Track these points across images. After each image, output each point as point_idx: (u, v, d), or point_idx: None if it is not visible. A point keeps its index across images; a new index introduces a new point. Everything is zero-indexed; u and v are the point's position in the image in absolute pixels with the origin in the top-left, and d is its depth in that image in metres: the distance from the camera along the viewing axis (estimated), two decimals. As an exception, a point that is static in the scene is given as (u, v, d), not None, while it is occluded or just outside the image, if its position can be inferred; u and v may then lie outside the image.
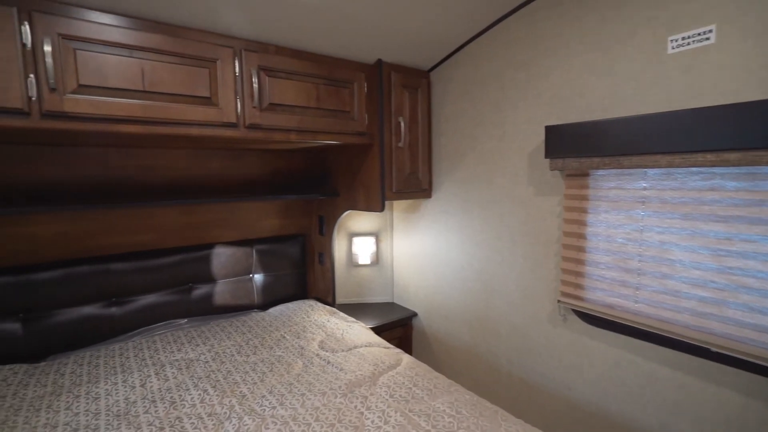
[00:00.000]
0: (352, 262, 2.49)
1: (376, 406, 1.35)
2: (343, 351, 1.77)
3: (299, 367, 1.64)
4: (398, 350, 1.81)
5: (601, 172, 1.52)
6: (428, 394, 1.43)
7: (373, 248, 2.47)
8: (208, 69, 1.47)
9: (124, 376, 1.54)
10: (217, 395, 1.43)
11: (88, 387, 1.46)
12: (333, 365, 1.64)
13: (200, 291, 2.13)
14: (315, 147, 2.19)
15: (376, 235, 2.49)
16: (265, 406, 1.36)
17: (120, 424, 1.27)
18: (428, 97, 2.13)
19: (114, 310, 1.88)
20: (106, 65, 1.28)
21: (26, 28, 1.16)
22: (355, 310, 2.38)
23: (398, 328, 2.33)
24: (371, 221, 2.49)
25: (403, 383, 1.49)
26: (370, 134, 1.96)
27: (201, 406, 1.36)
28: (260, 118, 1.61)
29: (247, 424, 1.25)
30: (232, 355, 1.74)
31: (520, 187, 1.77)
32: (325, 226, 2.45)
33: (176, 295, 2.06)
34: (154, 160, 1.92)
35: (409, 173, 2.08)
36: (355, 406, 1.35)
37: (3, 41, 1.13)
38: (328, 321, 2.10)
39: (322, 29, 1.63)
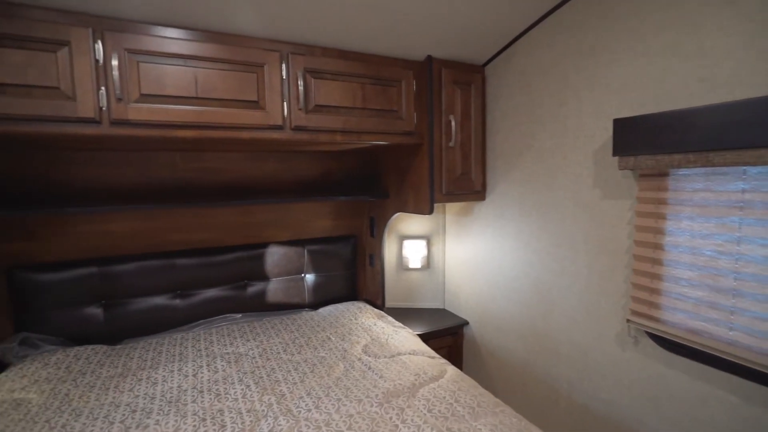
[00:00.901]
0: (402, 265, 2.43)
1: (412, 420, 1.28)
2: (385, 357, 1.72)
3: (340, 370, 1.62)
4: (443, 361, 1.71)
5: (684, 171, 1.29)
6: (470, 413, 1.32)
7: (424, 252, 2.38)
8: (256, 74, 1.52)
9: (180, 364, 1.64)
10: (258, 392, 1.46)
11: (149, 372, 1.59)
12: (373, 371, 1.60)
13: (255, 288, 2.22)
14: (366, 148, 2.18)
15: (427, 238, 2.41)
16: (302, 407, 1.36)
17: (170, 410, 1.35)
18: (482, 93, 2.00)
19: (178, 302, 2.03)
20: (164, 75, 1.37)
21: (99, 46, 1.28)
22: (405, 314, 2.32)
23: (448, 336, 2.22)
24: (422, 224, 2.41)
25: (444, 398, 1.40)
26: (419, 134, 1.89)
27: (242, 402, 1.40)
28: (306, 120, 1.62)
29: (281, 425, 1.25)
30: (278, 353, 1.78)
31: (583, 190, 1.58)
32: (376, 228, 2.43)
33: (233, 290, 2.17)
34: (214, 163, 2.04)
35: (461, 174, 1.97)
36: (390, 418, 1.29)
37: (80, 58, 1.26)
38: (375, 324, 2.06)
39: (370, 28, 1.60)
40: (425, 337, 2.07)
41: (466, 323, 2.23)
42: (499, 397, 2.01)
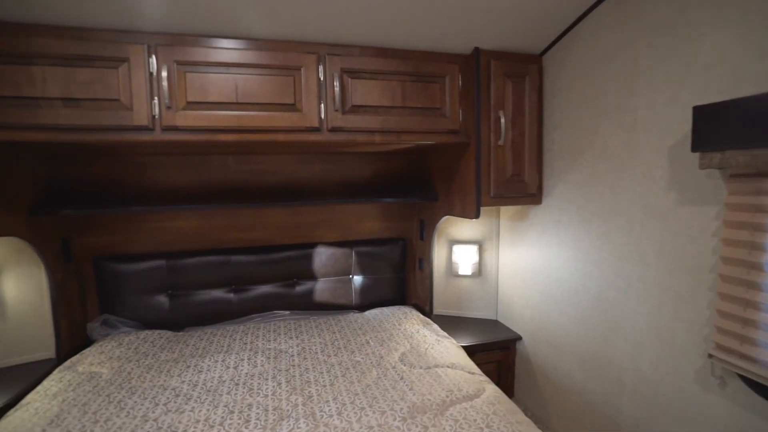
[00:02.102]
0: (452, 271, 2.31)
1: (433, 441, 1.18)
2: (421, 368, 1.64)
3: (371, 377, 1.58)
4: (484, 378, 1.57)
5: (792, 171, 1.00)
6: (500, 443, 1.18)
7: (476, 258, 2.23)
8: (293, 77, 1.54)
9: (224, 356, 1.74)
10: (287, 390, 1.48)
11: (197, 360, 1.71)
12: (405, 382, 1.52)
13: (303, 287, 2.28)
14: (415, 149, 2.11)
15: (479, 243, 2.25)
16: (324, 412, 1.34)
17: (206, 399, 1.43)
18: (538, 86, 1.80)
19: (232, 296, 2.16)
20: (207, 83, 1.46)
21: (153, 60, 1.41)
22: (453, 323, 2.20)
23: (497, 351, 2.05)
24: (474, 228, 2.26)
25: (475, 421, 1.28)
26: (464, 132, 1.77)
27: (271, 399, 1.43)
28: (342, 121, 1.61)
29: (300, 428, 1.25)
30: (316, 353, 1.79)
31: (655, 193, 1.32)
32: (425, 231, 2.34)
33: (283, 288, 2.25)
34: (264, 165, 2.14)
35: (511, 175, 1.80)
36: (410, 436, 1.21)
37: (136, 72, 1.39)
38: (418, 332, 1.98)
39: (411, 23, 1.53)
40: (471, 350, 1.93)
41: (519, 338, 2.04)
42: (552, 427, 1.80)
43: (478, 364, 1.86)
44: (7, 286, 1.72)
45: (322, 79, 1.57)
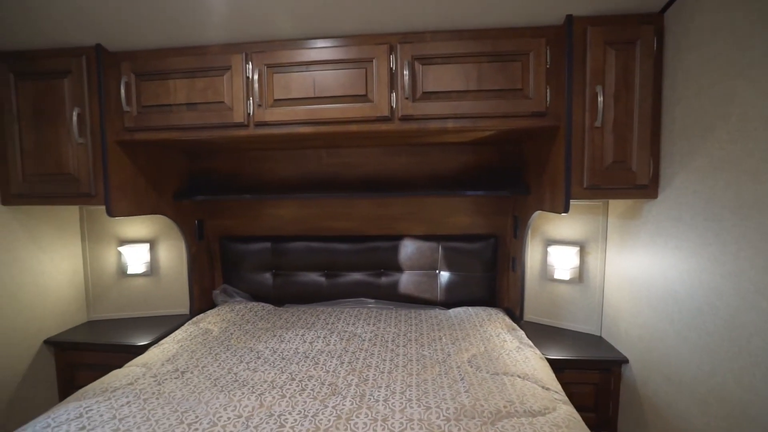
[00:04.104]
0: (546, 274, 2.05)
1: (470, 449, 1.07)
2: (487, 372, 1.50)
3: (432, 373, 1.52)
4: (560, 397, 1.35)
5: None
6: (551, 470, 1.00)
7: (576, 261, 1.93)
8: (365, 68, 1.59)
9: (305, 331, 1.91)
10: (346, 370, 1.54)
11: (282, 332, 1.91)
12: (463, 383, 1.42)
13: (389, 278, 2.33)
14: (507, 138, 1.95)
15: (580, 245, 1.94)
16: (372, 396, 1.35)
17: (278, 365, 1.59)
18: (654, 51, 1.45)
19: (324, 280, 2.35)
20: (290, 81, 1.62)
21: (249, 65, 1.64)
22: (546, 333, 1.94)
23: (596, 372, 1.73)
24: (575, 227, 1.96)
25: (529, 441, 1.11)
26: (553, 114, 1.55)
27: (330, 375, 1.51)
28: (413, 109, 1.59)
29: (344, 407, 1.28)
30: (386, 342, 1.81)
31: (819, 178, 0.93)
32: (519, 229, 2.13)
33: (370, 277, 2.34)
34: (353, 158, 2.26)
35: (613, 162, 1.49)
36: (448, 438, 1.13)
37: (236, 77, 1.64)
38: (498, 336, 1.82)
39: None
40: (559, 365, 1.68)
41: (626, 360, 1.68)
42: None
43: (567, 384, 1.62)
44: (161, 254, 2.23)
45: (393, 68, 1.58)
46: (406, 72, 1.55)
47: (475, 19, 1.52)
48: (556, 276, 1.97)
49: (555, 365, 1.65)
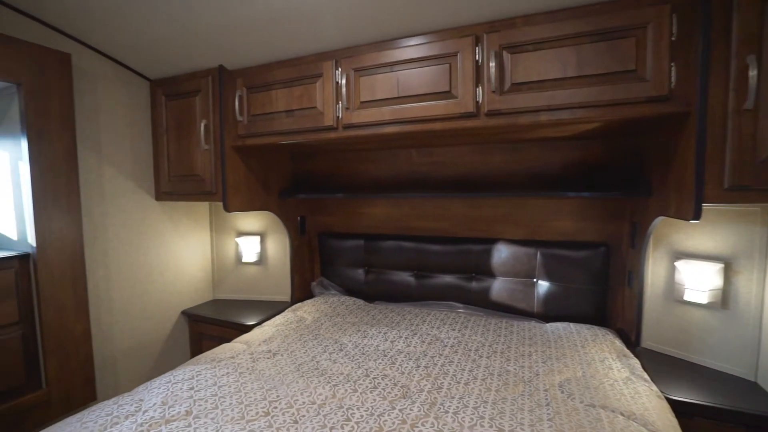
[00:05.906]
0: (674, 295, 1.68)
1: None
2: (581, 402, 1.30)
3: (513, 391, 1.38)
4: (675, 448, 1.09)
5: None
6: None
7: (717, 281, 1.54)
8: (449, 64, 1.53)
9: (388, 329, 1.93)
10: (421, 374, 1.50)
11: (367, 328, 1.96)
12: (548, 410, 1.26)
13: (480, 283, 2.21)
14: (622, 130, 1.67)
15: (726, 261, 1.54)
16: (443, 406, 1.29)
17: (357, 359, 1.64)
18: None
19: (413, 280, 2.34)
20: (375, 83, 1.65)
21: (338, 71, 1.72)
22: (671, 366, 1.59)
23: (742, 428, 1.34)
24: (718, 237, 1.56)
25: (622, 493, 0.92)
26: (680, 98, 1.26)
27: (404, 377, 1.49)
28: (500, 103, 1.46)
29: (411, 412, 1.25)
30: (468, 350, 1.72)
31: None
32: (637, 237, 1.80)
33: (460, 281, 2.25)
34: (443, 157, 2.19)
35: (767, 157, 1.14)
36: (518, 469, 1.00)
37: (327, 83, 1.74)
38: (603, 361, 1.57)
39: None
40: (685, 409, 1.36)
41: (786, 418, 1.27)
42: None
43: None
44: (269, 246, 2.51)
45: (479, 60, 1.49)
46: (492, 63, 1.44)
47: (576, -5, 1.33)
48: (687, 297, 1.60)
49: (679, 408, 1.34)
